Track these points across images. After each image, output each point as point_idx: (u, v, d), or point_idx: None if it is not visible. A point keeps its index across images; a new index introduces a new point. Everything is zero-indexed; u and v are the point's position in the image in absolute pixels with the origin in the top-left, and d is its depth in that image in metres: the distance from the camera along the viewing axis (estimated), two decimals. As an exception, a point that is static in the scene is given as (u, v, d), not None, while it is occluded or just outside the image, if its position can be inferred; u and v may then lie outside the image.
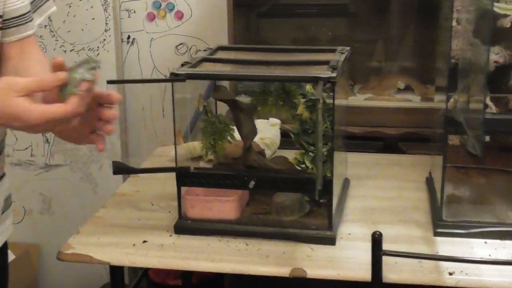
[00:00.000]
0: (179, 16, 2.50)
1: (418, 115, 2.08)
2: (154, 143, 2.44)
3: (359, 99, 2.19)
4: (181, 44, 2.52)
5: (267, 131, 1.99)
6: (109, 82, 1.41)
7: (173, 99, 1.43)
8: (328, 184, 1.40)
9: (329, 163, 1.43)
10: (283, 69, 1.51)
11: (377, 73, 2.31)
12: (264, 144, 1.91)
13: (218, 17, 2.41)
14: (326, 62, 1.49)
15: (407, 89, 2.23)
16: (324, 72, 1.38)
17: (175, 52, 2.53)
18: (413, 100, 2.17)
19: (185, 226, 1.50)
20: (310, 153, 1.52)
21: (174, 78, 1.40)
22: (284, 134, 2.01)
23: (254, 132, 1.63)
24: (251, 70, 1.50)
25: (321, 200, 1.35)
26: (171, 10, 2.49)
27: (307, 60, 1.55)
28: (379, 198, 1.70)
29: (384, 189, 1.76)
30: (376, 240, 1.26)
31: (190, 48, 2.51)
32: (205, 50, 1.63)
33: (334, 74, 1.36)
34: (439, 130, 1.60)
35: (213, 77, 1.49)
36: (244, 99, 1.98)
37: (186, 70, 1.42)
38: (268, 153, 1.90)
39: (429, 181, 1.75)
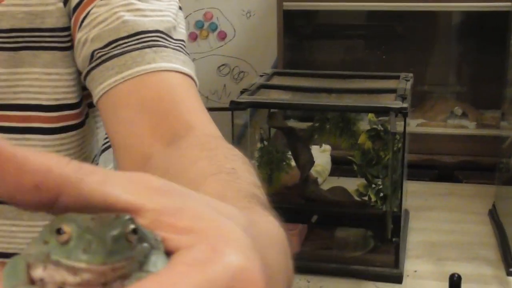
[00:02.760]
0: (222, 36, 2.43)
1: (475, 143, 1.99)
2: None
3: (411, 125, 2.10)
4: (223, 65, 2.45)
5: (318, 157, 1.91)
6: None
7: (232, 128, 1.36)
8: (396, 220, 1.32)
9: (396, 197, 1.35)
10: (346, 97, 1.44)
11: (429, 97, 2.22)
12: (315, 171, 1.84)
13: (263, 37, 2.35)
14: (391, 90, 1.42)
15: (461, 114, 2.15)
16: (394, 102, 1.30)
17: (217, 73, 2.46)
18: (469, 127, 2.08)
19: (242, 261, 1.42)
20: (374, 186, 1.44)
21: (235, 106, 1.33)
22: (334, 160, 1.94)
23: (311, 162, 1.56)
24: (313, 99, 1.42)
25: (394, 239, 1.27)
26: (214, 30, 2.43)
27: (371, 88, 1.47)
28: (441, 231, 1.62)
29: (445, 221, 1.68)
30: (455, 283, 1.18)
31: (233, 69, 2.44)
32: (261, 76, 1.57)
33: (405, 105, 1.28)
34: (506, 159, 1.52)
35: (276, 106, 1.42)
36: (294, 124, 1.91)
37: (247, 98, 1.35)
38: (319, 180, 1.82)
39: (493, 214, 1.67)
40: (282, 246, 0.42)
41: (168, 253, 0.30)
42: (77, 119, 0.76)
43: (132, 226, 0.28)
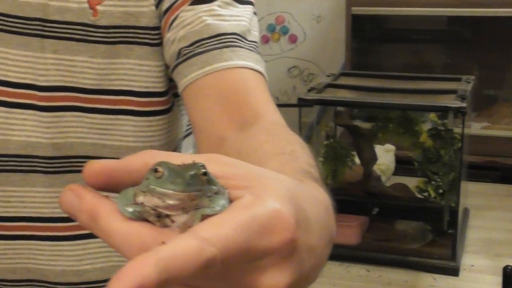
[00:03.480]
0: (293, 39, 2.53)
1: (539, 146, 2.03)
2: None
3: (476, 128, 2.15)
4: (293, 67, 2.55)
5: (382, 157, 1.98)
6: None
7: (300, 125, 1.46)
8: (453, 214, 1.39)
9: (454, 193, 1.42)
10: (408, 97, 1.51)
11: (494, 101, 2.26)
12: (379, 170, 1.91)
13: (332, 41, 2.43)
14: (452, 91, 1.48)
15: (526, 118, 2.18)
16: (453, 102, 1.37)
17: (287, 74, 2.56)
18: (533, 130, 2.12)
19: (306, 250, 1.51)
20: (433, 182, 1.51)
21: (303, 103, 1.42)
22: (398, 160, 2.00)
23: (374, 158, 1.64)
24: (377, 98, 1.50)
25: (449, 231, 1.34)
26: (285, 33, 2.53)
27: (433, 89, 1.54)
28: (500, 230, 1.67)
29: (505, 221, 1.72)
30: (508, 274, 1.24)
31: (303, 71, 2.54)
32: (328, 76, 1.66)
33: (464, 104, 1.35)
34: None
35: (342, 104, 1.51)
36: (359, 123, 1.98)
37: (314, 96, 1.45)
38: (383, 179, 1.90)
39: (553, 215, 1.70)
40: (324, 207, 0.51)
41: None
42: (163, 105, 0.87)
43: (203, 170, 0.40)
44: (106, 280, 0.91)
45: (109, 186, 0.43)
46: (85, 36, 0.81)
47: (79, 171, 0.86)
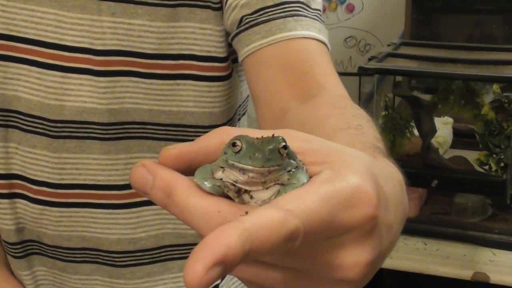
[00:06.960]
0: (350, 9, 2.49)
1: None
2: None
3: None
4: (350, 37, 2.51)
5: (440, 129, 1.95)
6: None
7: (359, 94, 1.44)
8: (516, 189, 1.36)
9: (517, 167, 1.39)
10: (471, 68, 1.48)
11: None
12: (437, 142, 1.88)
13: (390, 11, 2.39)
14: (517, 62, 1.44)
15: None
16: (520, 73, 1.34)
17: (343, 45, 2.53)
18: None
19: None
20: (495, 155, 1.48)
21: (363, 72, 1.40)
22: (455, 133, 1.97)
23: (434, 130, 1.62)
24: (439, 68, 1.47)
25: (512, 205, 1.31)
26: (342, 3, 2.49)
27: (496, 60, 1.50)
28: (562, 206, 1.63)
29: None
30: None
31: (359, 42, 2.50)
32: (389, 45, 1.63)
33: (531, 75, 1.31)
34: None
35: (403, 73, 1.48)
36: (418, 95, 1.95)
37: (374, 65, 1.42)
38: (440, 151, 1.87)
39: None
40: (399, 183, 0.49)
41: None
42: (224, 71, 0.85)
43: (283, 144, 0.38)
44: (160, 248, 0.90)
45: (187, 171, 0.41)
46: None
47: (135, 137, 0.85)
